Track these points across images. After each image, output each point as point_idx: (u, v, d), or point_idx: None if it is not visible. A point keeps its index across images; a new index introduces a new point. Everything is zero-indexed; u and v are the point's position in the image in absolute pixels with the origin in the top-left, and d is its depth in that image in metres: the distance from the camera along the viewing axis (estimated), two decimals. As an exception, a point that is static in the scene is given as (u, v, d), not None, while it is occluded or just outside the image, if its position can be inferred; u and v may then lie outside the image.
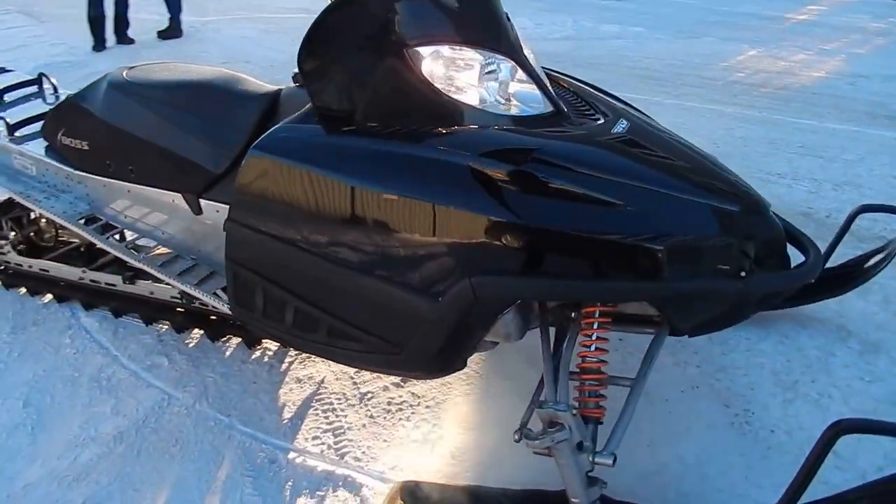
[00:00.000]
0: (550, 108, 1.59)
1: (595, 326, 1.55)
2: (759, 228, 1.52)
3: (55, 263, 2.49)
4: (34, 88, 2.66)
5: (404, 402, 1.98)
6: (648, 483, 1.65)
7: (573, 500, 1.46)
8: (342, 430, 1.90)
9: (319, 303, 1.63)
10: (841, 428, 1.18)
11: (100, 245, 2.16)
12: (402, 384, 2.04)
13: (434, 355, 1.54)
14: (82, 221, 2.20)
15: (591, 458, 1.44)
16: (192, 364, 2.20)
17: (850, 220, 2.02)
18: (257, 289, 1.70)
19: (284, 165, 1.55)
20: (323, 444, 1.86)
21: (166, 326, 2.35)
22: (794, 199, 2.97)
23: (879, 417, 1.74)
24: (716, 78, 4.92)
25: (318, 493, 1.71)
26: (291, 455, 1.83)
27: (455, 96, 1.52)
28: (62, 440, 1.94)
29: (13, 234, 2.57)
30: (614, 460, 1.43)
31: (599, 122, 1.63)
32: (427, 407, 1.96)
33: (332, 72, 1.58)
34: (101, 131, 2.11)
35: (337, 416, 1.95)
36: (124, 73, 2.16)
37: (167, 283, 2.06)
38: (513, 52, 1.60)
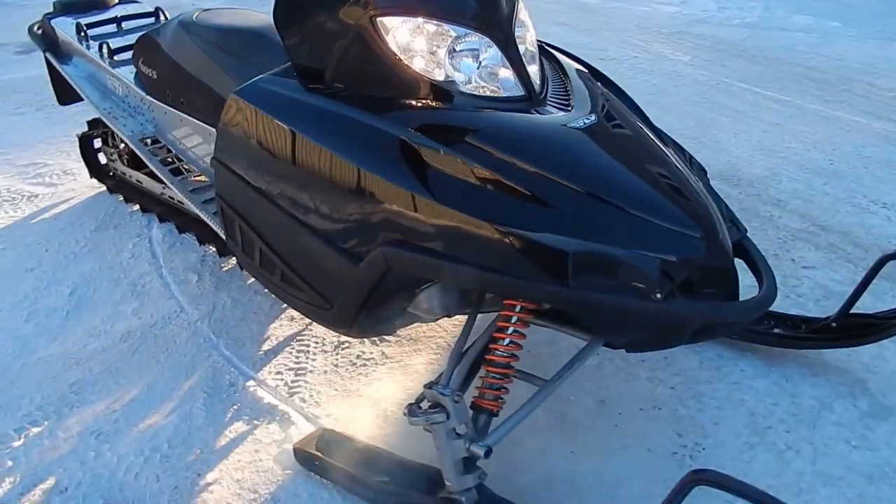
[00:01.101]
0: (521, 92, 1.54)
1: (513, 321, 1.52)
2: (697, 252, 1.39)
3: (147, 178, 2.81)
4: (151, 20, 2.96)
5: (371, 358, 2.05)
6: (552, 488, 1.61)
7: (447, 482, 1.47)
8: (303, 372, 2.01)
9: (275, 248, 1.73)
10: (699, 478, 1.11)
11: (148, 164, 2.42)
12: (377, 342, 2.11)
13: (354, 316, 1.59)
14: (146, 142, 2.46)
15: (466, 446, 1.44)
16: (214, 286, 2.41)
17: (878, 266, 1.78)
18: (236, 225, 1.83)
19: (253, 113, 1.65)
20: (281, 380, 1.99)
21: (213, 249, 2.58)
22: (886, 234, 2.62)
23: (845, 488, 1.57)
24: (889, 89, 4.36)
25: (254, 421, 1.84)
26: (250, 384, 1.97)
27: (418, 69, 1.51)
28: (83, 329, 2.23)
29: (123, 145, 2.92)
30: (487, 452, 1.42)
31: (568, 111, 1.56)
32: (390, 368, 2.02)
33: (305, 29, 1.63)
34: (165, 64, 2.33)
35: (307, 358, 2.07)
36: (194, 15, 2.36)
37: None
38: (493, 29, 1.53)
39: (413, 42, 1.52)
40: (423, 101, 1.51)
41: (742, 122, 3.72)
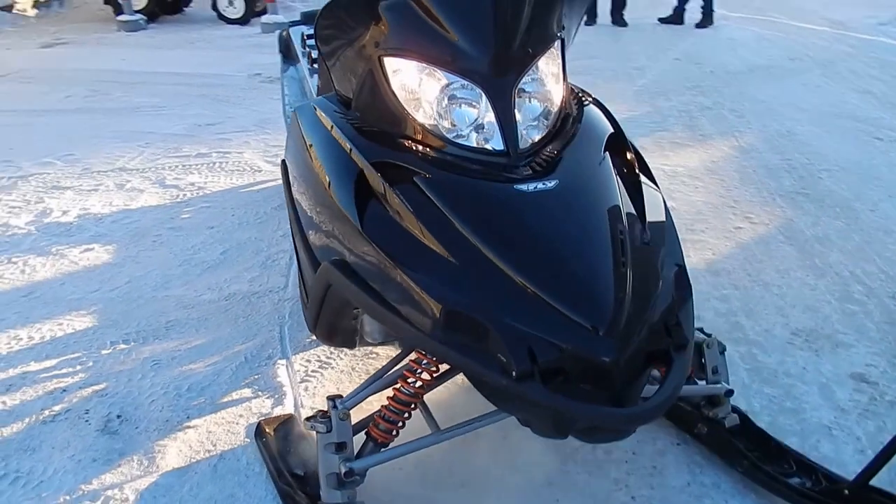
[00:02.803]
0: (501, 147, 1.54)
1: (423, 363, 1.55)
2: (575, 342, 1.28)
3: None
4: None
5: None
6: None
7: (321, 493, 1.55)
8: (325, 367, 2.21)
9: (294, 240, 1.94)
10: None
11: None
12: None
13: (314, 321, 1.74)
14: None
15: (339, 462, 1.51)
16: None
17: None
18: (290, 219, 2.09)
19: (297, 127, 1.89)
20: (304, 368, 2.21)
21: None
22: None
23: None
24: None
25: (258, 392, 2.09)
26: (281, 362, 2.23)
27: (409, 108, 1.58)
28: (208, 282, 2.71)
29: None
30: (348, 473, 1.48)
31: (538, 173, 1.52)
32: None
33: (338, 59, 1.81)
34: None
35: (339, 356, 2.25)
36: None
37: None
38: (487, 81, 1.54)
39: (409, 83, 1.59)
40: (408, 140, 1.59)
41: None
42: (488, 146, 1.53)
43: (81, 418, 1.99)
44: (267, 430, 1.87)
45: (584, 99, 1.77)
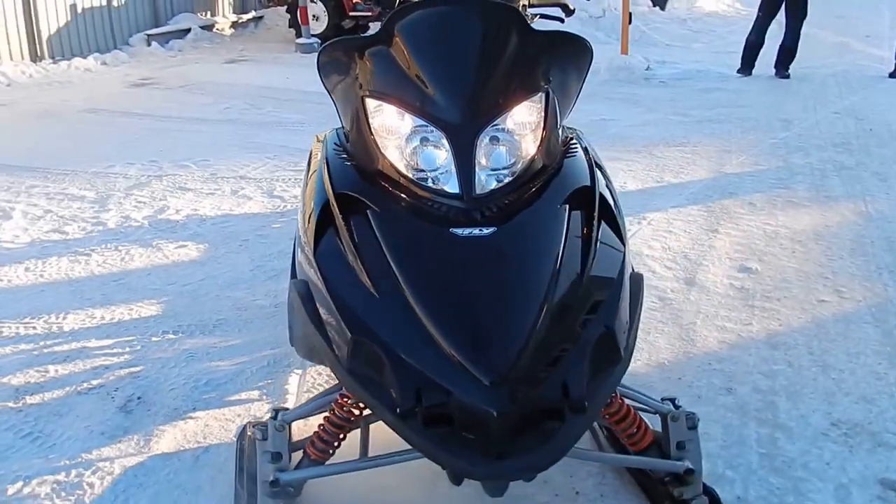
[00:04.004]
0: (456, 191, 1.55)
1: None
2: (462, 390, 1.29)
3: None
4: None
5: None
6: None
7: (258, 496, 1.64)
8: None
9: None
10: None
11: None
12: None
13: (291, 332, 1.83)
14: None
15: (272, 471, 1.59)
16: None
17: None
18: None
19: (309, 154, 2.02)
20: (316, 380, 2.31)
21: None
22: None
23: None
24: None
25: (264, 396, 2.22)
26: (298, 371, 2.34)
27: (380, 147, 1.63)
28: (271, 288, 2.89)
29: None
30: (276, 483, 1.55)
31: (481, 217, 1.52)
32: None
33: (337, 95, 1.90)
34: None
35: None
36: None
37: None
38: (452, 127, 1.56)
39: (386, 123, 1.65)
40: (377, 176, 1.64)
41: None
42: (446, 188, 1.56)
43: (109, 395, 2.22)
44: (249, 432, 1.98)
45: (573, 150, 1.74)
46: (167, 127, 5.55)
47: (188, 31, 9.81)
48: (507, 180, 1.57)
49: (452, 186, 1.55)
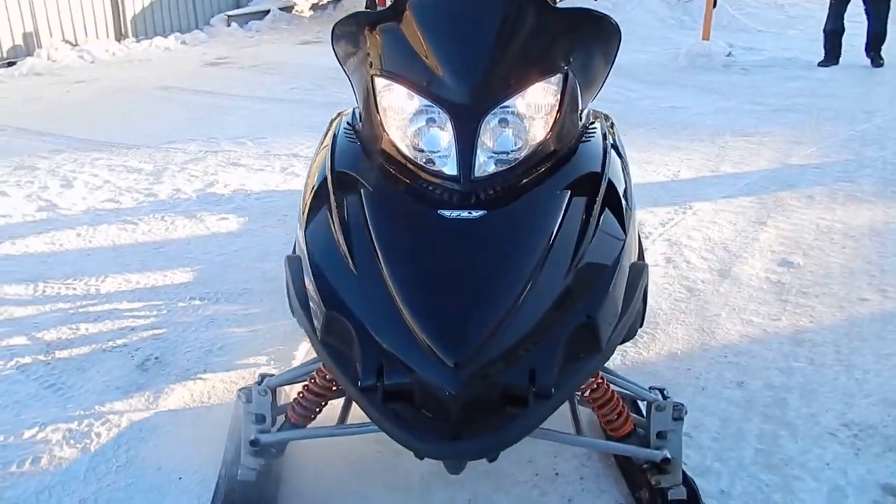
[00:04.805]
0: (454, 173, 1.53)
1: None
2: (424, 368, 1.29)
3: None
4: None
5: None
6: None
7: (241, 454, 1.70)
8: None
9: None
10: None
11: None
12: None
13: (291, 309, 1.88)
14: None
15: (254, 431, 1.65)
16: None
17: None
18: None
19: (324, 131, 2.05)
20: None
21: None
22: None
23: None
24: None
25: (261, 370, 2.29)
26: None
27: (385, 126, 1.63)
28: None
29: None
30: (256, 442, 1.61)
31: (475, 200, 1.51)
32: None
33: (350, 74, 1.91)
34: None
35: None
36: None
37: None
38: (456, 107, 1.54)
39: (393, 103, 1.63)
40: (379, 155, 1.65)
41: None
42: (444, 170, 1.54)
43: (130, 354, 2.35)
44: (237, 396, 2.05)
45: (590, 135, 1.69)
46: (233, 104, 5.74)
47: (268, 12, 10.09)
48: (510, 164, 1.53)
49: (451, 168, 1.52)
